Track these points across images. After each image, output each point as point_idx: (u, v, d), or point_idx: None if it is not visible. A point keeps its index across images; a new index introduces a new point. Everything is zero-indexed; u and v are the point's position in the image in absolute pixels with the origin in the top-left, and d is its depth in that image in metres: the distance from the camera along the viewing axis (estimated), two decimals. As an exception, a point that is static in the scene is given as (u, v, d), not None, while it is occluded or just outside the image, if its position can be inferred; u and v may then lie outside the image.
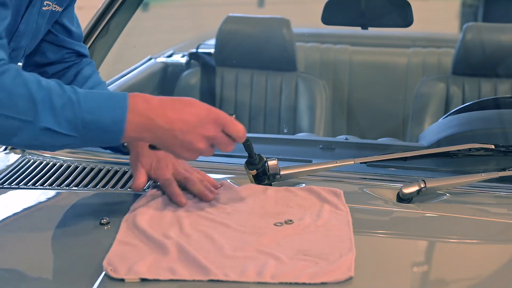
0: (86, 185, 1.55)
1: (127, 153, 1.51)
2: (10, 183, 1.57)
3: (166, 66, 3.04)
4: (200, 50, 3.02)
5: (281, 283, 1.11)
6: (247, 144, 1.41)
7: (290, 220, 1.31)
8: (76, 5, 1.63)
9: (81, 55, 1.65)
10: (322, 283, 1.11)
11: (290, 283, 1.11)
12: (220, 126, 1.26)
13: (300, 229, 1.28)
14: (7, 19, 1.26)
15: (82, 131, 1.21)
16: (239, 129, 1.27)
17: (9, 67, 1.20)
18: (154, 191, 1.46)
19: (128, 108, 1.22)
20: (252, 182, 1.48)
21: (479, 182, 1.51)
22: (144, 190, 1.47)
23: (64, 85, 1.23)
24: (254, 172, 1.46)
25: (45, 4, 1.44)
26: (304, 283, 1.11)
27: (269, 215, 1.34)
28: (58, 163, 1.66)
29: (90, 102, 1.21)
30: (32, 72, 1.24)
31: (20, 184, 1.56)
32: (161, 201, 1.40)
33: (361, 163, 1.55)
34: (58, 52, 1.61)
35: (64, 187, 1.54)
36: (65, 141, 1.22)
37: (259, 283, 1.11)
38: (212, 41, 2.99)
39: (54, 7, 1.48)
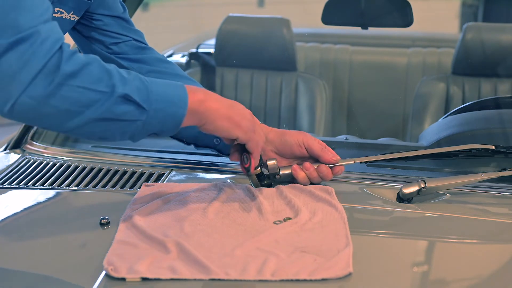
0: (86, 185, 1.55)
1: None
2: (10, 183, 1.57)
3: (166, 66, 3.04)
4: (200, 50, 3.02)
5: (281, 280, 1.11)
6: None
7: (289, 218, 1.32)
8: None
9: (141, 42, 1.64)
10: (322, 280, 1.11)
11: (291, 280, 1.11)
12: None
13: (298, 227, 1.28)
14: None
15: (152, 104, 1.21)
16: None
17: (76, 49, 1.21)
18: (148, 189, 1.46)
19: (184, 86, 1.26)
20: (252, 182, 1.48)
21: (479, 182, 1.51)
22: (133, 188, 1.49)
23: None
24: (258, 170, 1.45)
25: (55, 11, 1.44)
26: (304, 280, 1.11)
27: (268, 213, 1.34)
28: (58, 163, 1.66)
29: (153, 80, 1.25)
30: None
31: (20, 184, 1.56)
32: (160, 201, 1.40)
33: (361, 163, 1.56)
34: (120, 41, 1.60)
35: (64, 187, 1.54)
36: (136, 114, 1.20)
37: (260, 281, 1.12)
38: (212, 41, 2.99)
39: (73, 17, 1.49)
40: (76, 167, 1.63)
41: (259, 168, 1.45)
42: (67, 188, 1.54)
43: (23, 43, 1.13)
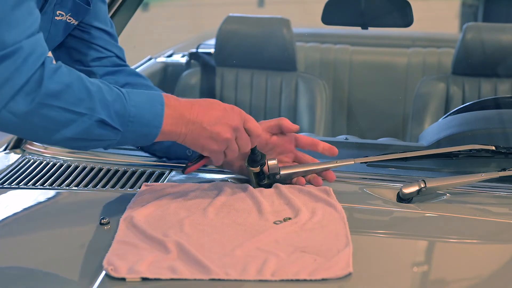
0: (86, 185, 1.55)
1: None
2: (10, 183, 1.57)
3: (166, 66, 3.04)
4: (200, 50, 3.02)
5: (281, 280, 1.11)
6: None
7: (289, 218, 1.32)
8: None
9: (120, 58, 1.66)
10: (322, 280, 1.11)
11: (291, 280, 1.11)
12: (243, 119, 1.36)
13: (298, 227, 1.29)
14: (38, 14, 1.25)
15: (127, 125, 1.26)
16: (258, 126, 1.39)
17: (60, 63, 1.22)
18: (148, 189, 1.46)
19: (164, 104, 1.29)
20: (251, 180, 1.48)
21: (479, 182, 1.51)
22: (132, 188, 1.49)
23: (106, 82, 1.27)
24: (257, 169, 1.45)
25: (57, 14, 1.44)
26: (304, 280, 1.11)
27: (268, 213, 1.34)
28: (58, 163, 1.66)
29: (134, 97, 1.27)
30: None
31: (20, 184, 1.56)
32: (160, 201, 1.40)
33: (361, 163, 1.55)
34: (100, 53, 1.62)
35: (64, 187, 1.54)
36: (111, 136, 1.26)
37: (260, 281, 1.12)
38: (212, 41, 2.99)
39: (69, 19, 1.49)
40: (76, 167, 1.63)
41: (258, 167, 1.45)
42: (67, 188, 1.54)
43: (6, 60, 1.14)
